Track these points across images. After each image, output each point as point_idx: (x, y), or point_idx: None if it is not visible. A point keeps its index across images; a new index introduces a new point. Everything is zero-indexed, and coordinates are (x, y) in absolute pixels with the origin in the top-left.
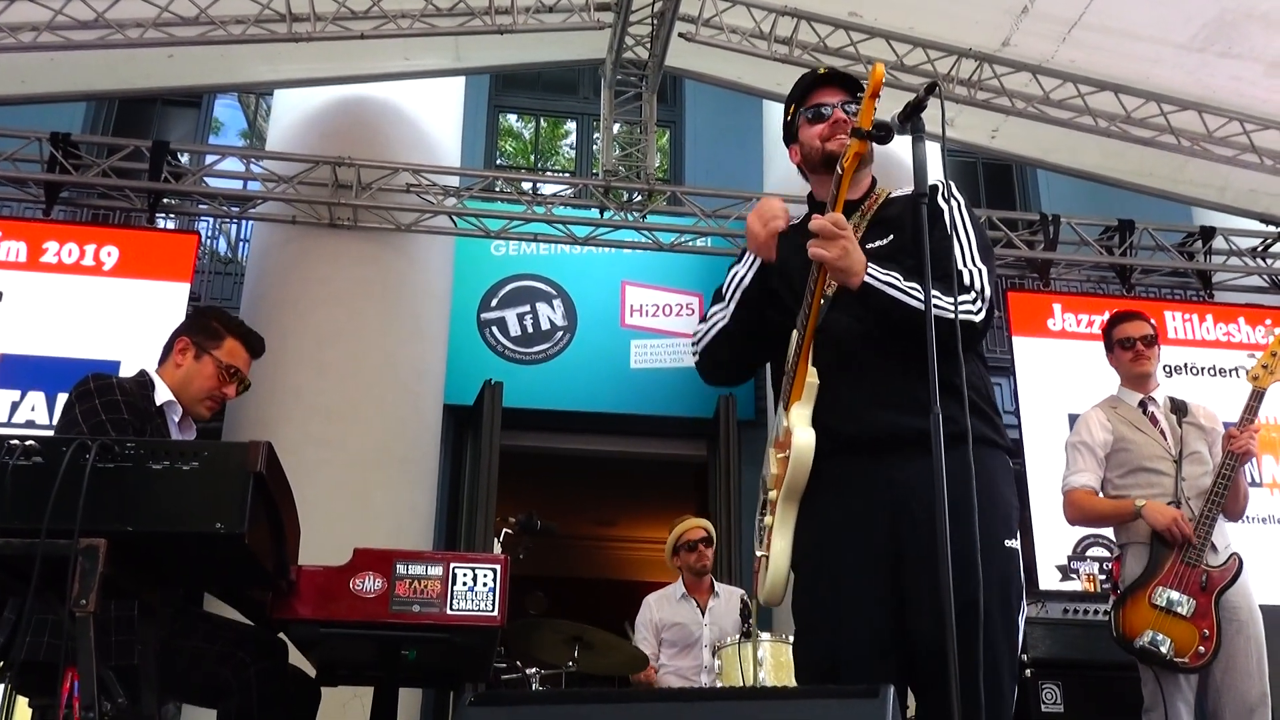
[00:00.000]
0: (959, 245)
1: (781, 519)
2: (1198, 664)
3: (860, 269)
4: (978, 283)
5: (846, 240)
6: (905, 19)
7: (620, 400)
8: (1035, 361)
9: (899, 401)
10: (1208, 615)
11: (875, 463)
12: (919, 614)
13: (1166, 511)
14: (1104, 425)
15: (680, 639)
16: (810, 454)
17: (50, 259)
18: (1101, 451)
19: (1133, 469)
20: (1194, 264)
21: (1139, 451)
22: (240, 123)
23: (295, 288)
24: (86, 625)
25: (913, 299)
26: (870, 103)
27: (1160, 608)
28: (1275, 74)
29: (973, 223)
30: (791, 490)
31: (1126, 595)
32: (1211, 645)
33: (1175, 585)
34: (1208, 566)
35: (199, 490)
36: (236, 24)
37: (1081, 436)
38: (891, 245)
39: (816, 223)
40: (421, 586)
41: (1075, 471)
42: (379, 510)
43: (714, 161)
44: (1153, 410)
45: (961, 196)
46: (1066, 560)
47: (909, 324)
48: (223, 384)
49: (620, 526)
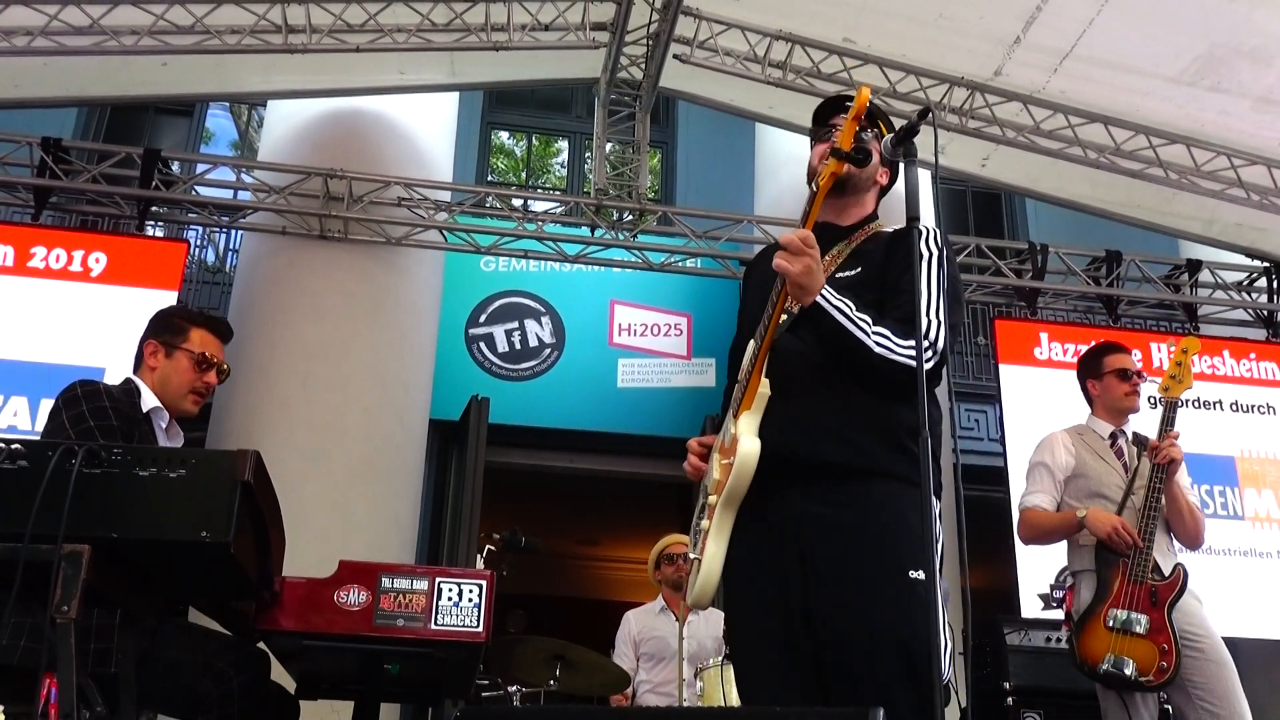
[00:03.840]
0: (926, 295)
1: (719, 525)
2: (1161, 680)
3: (816, 288)
4: (932, 333)
5: (810, 259)
6: (899, 46)
7: (606, 419)
8: (1021, 390)
9: (819, 427)
10: (1163, 629)
11: (786, 485)
12: (826, 646)
13: (1108, 518)
14: (1067, 449)
15: (657, 651)
16: (754, 462)
17: (38, 264)
18: (1061, 474)
19: (1089, 494)
20: (1180, 296)
21: (1097, 479)
22: (231, 133)
23: (284, 299)
24: (67, 632)
25: (858, 330)
26: (852, 125)
27: (1115, 629)
28: (1263, 109)
29: (947, 276)
30: (731, 497)
31: (1081, 623)
32: (1171, 659)
33: (1126, 605)
34: (1153, 581)
35: (185, 498)
36: (232, 34)
37: (1043, 457)
38: (857, 277)
39: (785, 237)
40: (406, 600)
41: (1031, 491)
42: (362, 523)
43: (705, 183)
44: (1121, 443)
45: (945, 248)
46: (1049, 589)
47: (850, 354)
48: (200, 374)
49: (603, 546)
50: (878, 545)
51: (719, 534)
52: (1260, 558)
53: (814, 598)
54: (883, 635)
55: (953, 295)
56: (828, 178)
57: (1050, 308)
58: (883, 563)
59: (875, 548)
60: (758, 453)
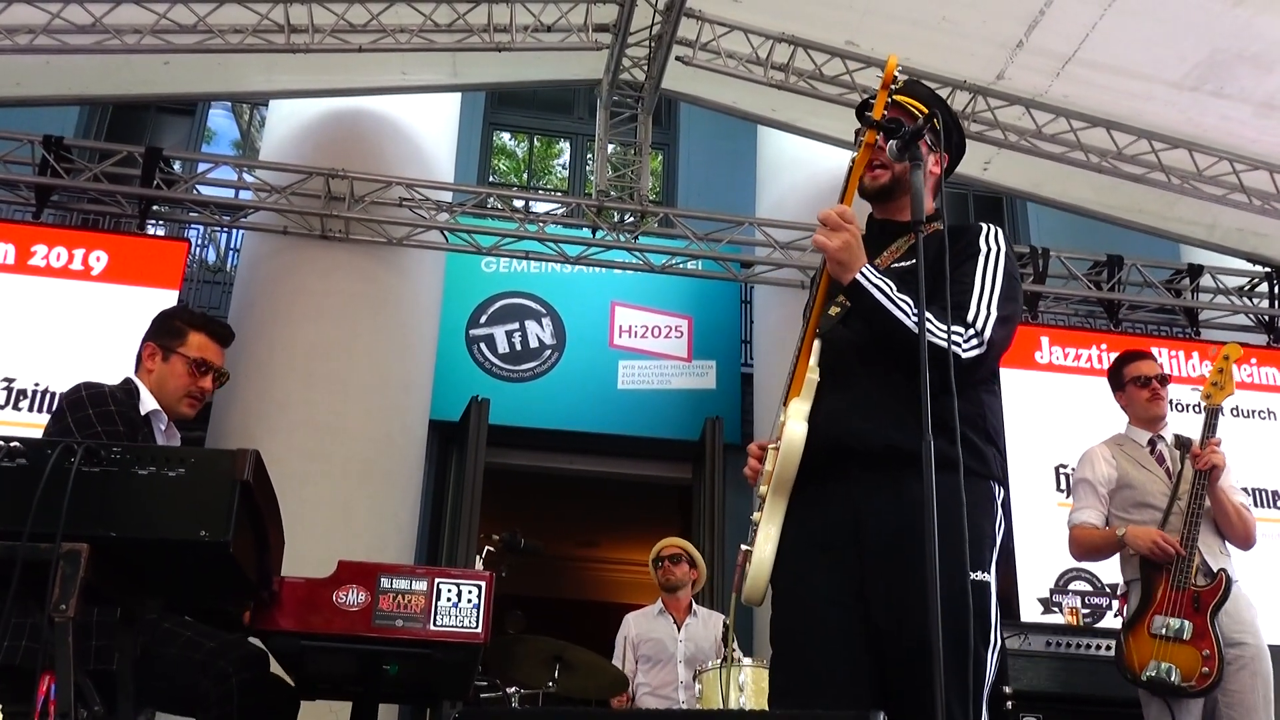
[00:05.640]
0: (980, 286)
1: (769, 514)
2: (1204, 686)
3: (856, 266)
4: (980, 323)
5: (849, 234)
6: (901, 49)
7: (606, 421)
8: (1022, 394)
9: (875, 414)
10: (1206, 635)
11: (841, 472)
12: (888, 644)
13: (1147, 533)
14: (1108, 461)
15: (655, 654)
16: (800, 446)
17: (39, 262)
18: (1104, 488)
19: (1135, 504)
20: (1181, 301)
21: (1142, 489)
22: (233, 133)
23: (284, 299)
24: (65, 631)
25: (897, 310)
26: (883, 93)
27: (1160, 636)
28: (1265, 115)
29: (1004, 274)
30: (781, 483)
31: (1127, 630)
32: (1215, 665)
33: (1170, 611)
34: (1196, 587)
35: (184, 497)
36: (234, 33)
37: (1084, 474)
38: (912, 268)
39: (824, 212)
40: (405, 601)
41: (1078, 509)
42: (362, 524)
43: (707, 185)
44: (1160, 448)
45: (1006, 246)
46: (1049, 593)
47: (889, 335)
48: (196, 379)
49: (603, 547)
50: (945, 548)
51: (769, 523)
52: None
53: (871, 588)
54: (938, 633)
55: (1008, 293)
56: (863, 149)
57: (1051, 312)
58: (941, 559)
59: (945, 550)
60: (804, 435)
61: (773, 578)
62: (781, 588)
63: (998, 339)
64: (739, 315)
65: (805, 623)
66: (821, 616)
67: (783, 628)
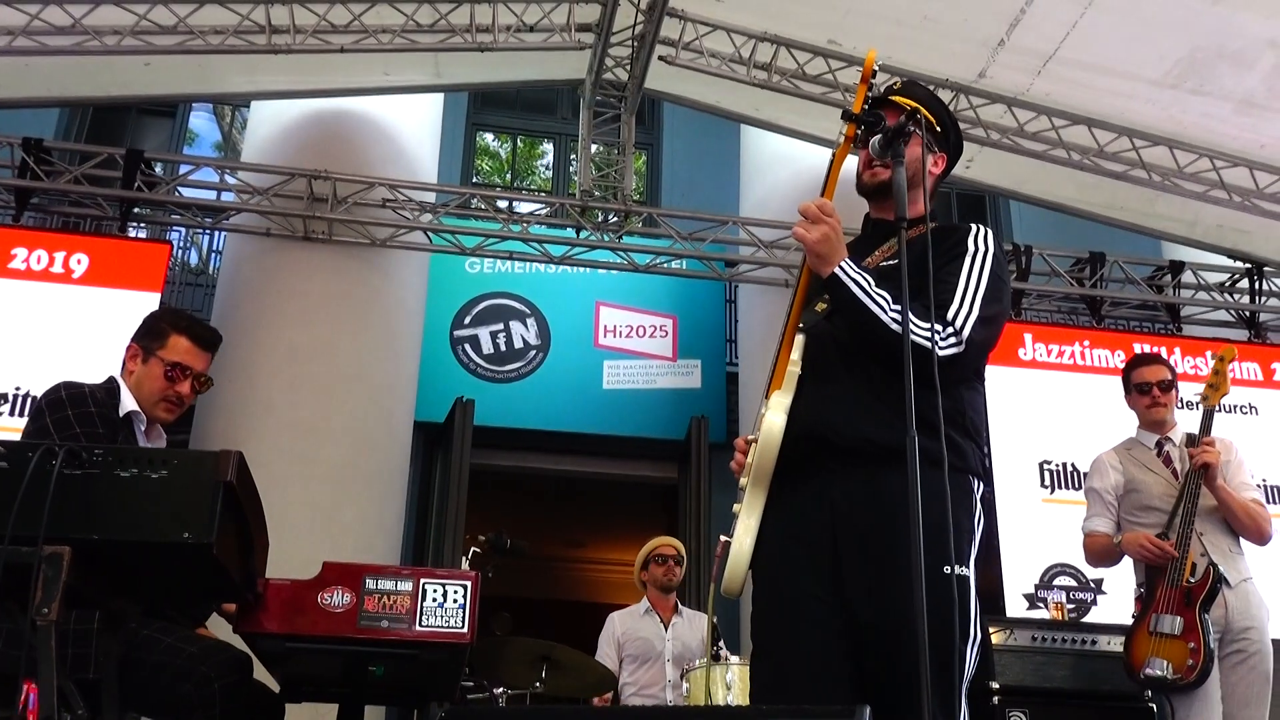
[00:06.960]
0: (964, 285)
1: (748, 506)
2: (1191, 678)
3: (835, 259)
4: (959, 322)
5: (828, 227)
6: (883, 48)
7: (591, 421)
8: (1005, 391)
9: (857, 408)
10: (1194, 629)
11: (816, 468)
12: (866, 636)
13: (1134, 538)
14: (1115, 468)
15: (642, 653)
16: (778, 437)
17: (19, 265)
18: (1112, 494)
19: (1140, 507)
20: (1163, 297)
21: (1149, 491)
22: (215, 134)
23: (268, 300)
24: (47, 635)
25: (873, 304)
26: (862, 88)
27: (1157, 634)
28: (1245, 112)
29: (991, 274)
30: (760, 474)
31: (1131, 630)
32: (1200, 658)
33: (1166, 610)
34: (1188, 583)
35: (167, 499)
36: (215, 34)
37: (1093, 483)
38: (894, 267)
39: (804, 205)
40: (391, 602)
41: (1089, 517)
42: (347, 525)
43: (691, 184)
44: (1168, 450)
45: (996, 247)
46: (1034, 588)
47: (865, 328)
48: (173, 383)
49: (589, 548)
50: (926, 542)
51: (749, 515)
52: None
53: (848, 580)
54: (915, 626)
55: (992, 294)
56: (844, 143)
57: (1034, 309)
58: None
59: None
60: (782, 426)
61: (752, 569)
62: (760, 579)
63: (979, 339)
64: (724, 314)
65: (784, 614)
66: (800, 608)
67: (762, 619)
